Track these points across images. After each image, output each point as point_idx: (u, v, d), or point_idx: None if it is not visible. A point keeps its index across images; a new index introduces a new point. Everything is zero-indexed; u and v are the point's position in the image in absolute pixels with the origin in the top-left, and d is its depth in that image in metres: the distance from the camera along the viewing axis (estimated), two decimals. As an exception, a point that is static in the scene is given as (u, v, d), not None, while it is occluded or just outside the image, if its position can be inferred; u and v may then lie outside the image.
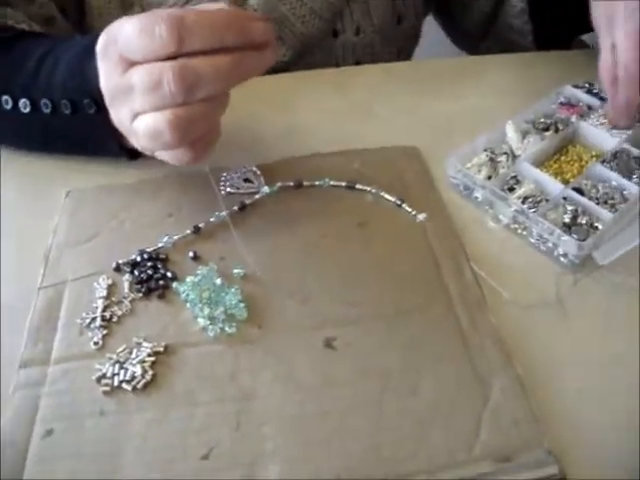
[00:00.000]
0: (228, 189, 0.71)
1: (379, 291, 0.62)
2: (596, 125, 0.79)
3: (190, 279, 0.62)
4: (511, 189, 0.70)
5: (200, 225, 0.67)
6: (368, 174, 0.74)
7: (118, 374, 0.55)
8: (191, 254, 0.65)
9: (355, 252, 0.66)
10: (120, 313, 0.60)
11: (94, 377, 0.55)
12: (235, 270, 0.63)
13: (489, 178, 0.71)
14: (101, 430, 0.52)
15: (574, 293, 0.63)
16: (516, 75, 0.94)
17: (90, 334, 0.59)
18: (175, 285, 0.62)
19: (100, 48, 0.60)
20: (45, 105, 0.68)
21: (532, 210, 0.67)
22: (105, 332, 0.59)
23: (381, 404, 0.53)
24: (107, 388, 0.55)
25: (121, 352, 0.57)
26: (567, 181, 0.72)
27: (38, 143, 0.76)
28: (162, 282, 0.62)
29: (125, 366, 0.56)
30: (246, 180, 0.72)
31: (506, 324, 0.59)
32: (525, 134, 0.76)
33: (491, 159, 0.73)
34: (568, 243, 0.63)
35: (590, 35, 0.93)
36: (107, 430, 0.52)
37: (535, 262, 0.66)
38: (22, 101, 0.69)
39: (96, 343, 0.58)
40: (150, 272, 0.63)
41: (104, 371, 0.56)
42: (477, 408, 0.53)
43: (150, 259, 0.64)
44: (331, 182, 0.72)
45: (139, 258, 0.64)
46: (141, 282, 0.62)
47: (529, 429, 0.51)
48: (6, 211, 0.71)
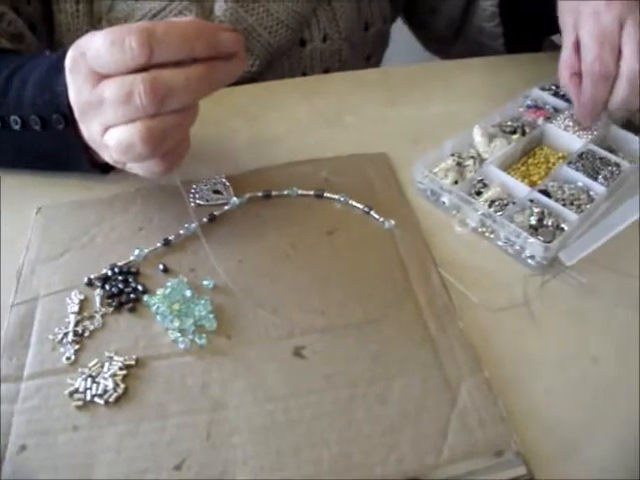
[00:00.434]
0: (198, 201, 0.72)
1: (348, 299, 0.63)
2: (563, 127, 0.80)
3: (160, 292, 0.62)
4: (478, 193, 0.71)
5: (170, 238, 0.67)
6: (337, 182, 0.74)
7: (90, 388, 0.56)
8: (161, 267, 0.65)
9: (324, 260, 0.66)
10: (92, 327, 0.60)
11: (67, 392, 0.55)
12: (205, 281, 0.64)
13: (456, 182, 0.72)
14: (74, 445, 0.53)
15: (542, 294, 0.64)
16: (486, 79, 0.96)
17: (62, 349, 0.59)
18: (146, 298, 0.62)
19: (69, 63, 0.59)
20: (15, 121, 0.68)
21: (499, 213, 0.68)
22: (77, 347, 0.59)
23: (350, 411, 0.54)
24: (80, 403, 0.55)
25: (93, 366, 0.57)
26: (534, 183, 0.73)
27: (9, 159, 0.76)
28: (133, 296, 0.62)
29: (97, 380, 0.56)
30: (215, 192, 0.73)
31: (475, 327, 0.60)
32: (492, 138, 0.77)
33: (458, 163, 0.74)
34: (534, 245, 0.64)
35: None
36: (80, 444, 0.53)
37: (503, 265, 0.67)
38: (-8, 119, 0.69)
39: (68, 358, 0.58)
40: (121, 286, 0.63)
41: (76, 386, 0.56)
42: (445, 412, 0.53)
43: (121, 273, 0.64)
44: (300, 191, 0.73)
45: (110, 272, 0.64)
46: (112, 296, 0.63)
47: (497, 430, 0.52)
48: (-22, 228, 0.71)
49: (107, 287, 0.63)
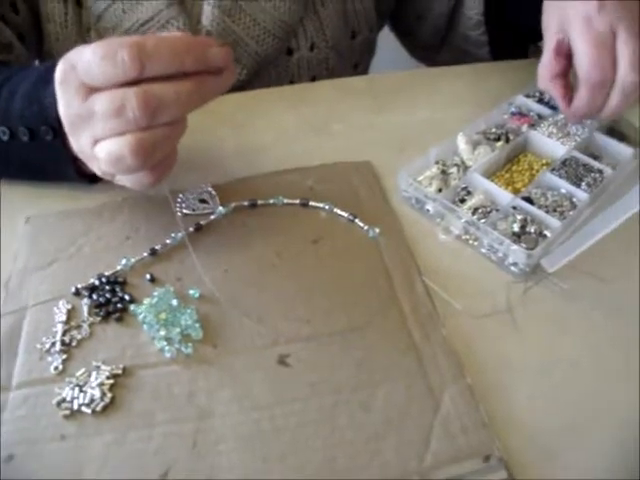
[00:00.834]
0: (184, 210, 0.72)
1: (332, 307, 0.63)
2: (547, 134, 0.81)
3: (147, 301, 0.63)
4: (462, 200, 0.72)
5: (157, 247, 0.68)
6: (321, 190, 0.75)
7: (78, 398, 0.56)
8: (148, 276, 0.66)
9: (309, 269, 0.67)
10: (79, 337, 0.61)
11: (54, 401, 0.56)
12: (191, 291, 0.64)
13: (440, 190, 0.73)
14: (62, 454, 0.53)
15: (524, 301, 0.64)
16: (471, 86, 0.96)
17: (50, 359, 0.59)
18: (133, 308, 0.63)
19: (59, 75, 0.59)
20: (3, 132, 0.68)
21: (482, 221, 0.68)
22: (65, 356, 0.59)
23: (334, 418, 0.54)
24: (67, 412, 0.55)
25: (80, 376, 0.58)
26: (518, 190, 0.74)
27: (-3, 170, 0.76)
28: (120, 305, 0.63)
29: (84, 389, 0.57)
30: (202, 201, 0.73)
31: (458, 334, 0.61)
32: (476, 145, 0.78)
33: (443, 171, 0.74)
34: (517, 252, 0.65)
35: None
36: (68, 454, 0.53)
37: (486, 272, 0.68)
38: (-20, 131, 0.69)
39: (56, 368, 0.58)
40: (108, 296, 0.64)
41: (64, 395, 0.56)
42: (428, 419, 0.54)
43: (108, 283, 0.65)
44: (285, 200, 0.73)
45: (97, 282, 0.65)
46: (99, 306, 0.63)
47: (478, 436, 0.53)
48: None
49: (94, 297, 0.64)
